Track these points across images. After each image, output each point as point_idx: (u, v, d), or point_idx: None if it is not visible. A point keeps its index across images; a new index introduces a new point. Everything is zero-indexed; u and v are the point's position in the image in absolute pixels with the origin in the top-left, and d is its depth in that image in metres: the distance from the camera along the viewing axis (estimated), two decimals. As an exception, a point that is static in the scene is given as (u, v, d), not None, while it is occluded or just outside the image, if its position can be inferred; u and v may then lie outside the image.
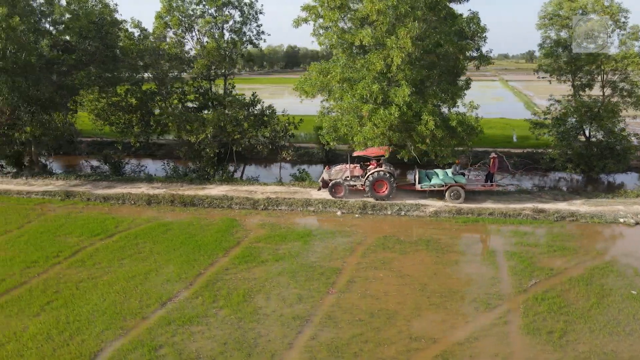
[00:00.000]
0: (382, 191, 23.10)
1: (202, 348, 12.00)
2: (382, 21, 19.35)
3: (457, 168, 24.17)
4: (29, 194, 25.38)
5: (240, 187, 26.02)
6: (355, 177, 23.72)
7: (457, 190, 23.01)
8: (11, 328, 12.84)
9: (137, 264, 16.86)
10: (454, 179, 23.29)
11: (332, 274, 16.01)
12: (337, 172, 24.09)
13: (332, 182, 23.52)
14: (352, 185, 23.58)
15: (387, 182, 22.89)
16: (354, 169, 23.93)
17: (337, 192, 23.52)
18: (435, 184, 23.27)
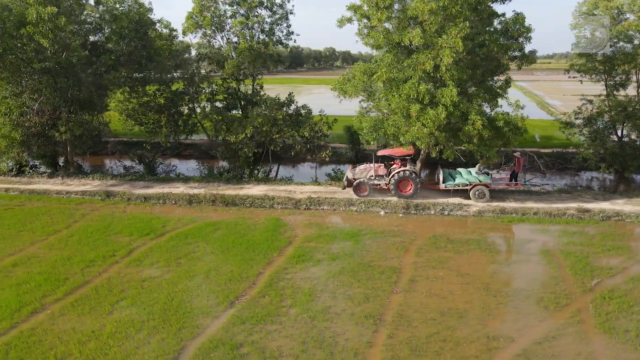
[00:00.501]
0: (406, 190, 23.31)
1: (283, 347, 12.06)
2: (432, 21, 19.38)
3: (481, 167, 24.30)
4: (68, 193, 25.48)
5: (278, 186, 26.07)
6: (379, 176, 24.00)
7: (482, 189, 23.12)
8: (88, 326, 12.93)
9: (195, 263, 16.94)
10: (478, 179, 23.43)
11: (392, 273, 16.07)
12: (361, 171, 24.36)
13: (357, 181, 23.76)
14: (376, 184, 23.83)
15: (412, 182, 23.13)
16: (378, 169, 24.20)
17: (361, 191, 23.75)
18: (459, 183, 23.46)
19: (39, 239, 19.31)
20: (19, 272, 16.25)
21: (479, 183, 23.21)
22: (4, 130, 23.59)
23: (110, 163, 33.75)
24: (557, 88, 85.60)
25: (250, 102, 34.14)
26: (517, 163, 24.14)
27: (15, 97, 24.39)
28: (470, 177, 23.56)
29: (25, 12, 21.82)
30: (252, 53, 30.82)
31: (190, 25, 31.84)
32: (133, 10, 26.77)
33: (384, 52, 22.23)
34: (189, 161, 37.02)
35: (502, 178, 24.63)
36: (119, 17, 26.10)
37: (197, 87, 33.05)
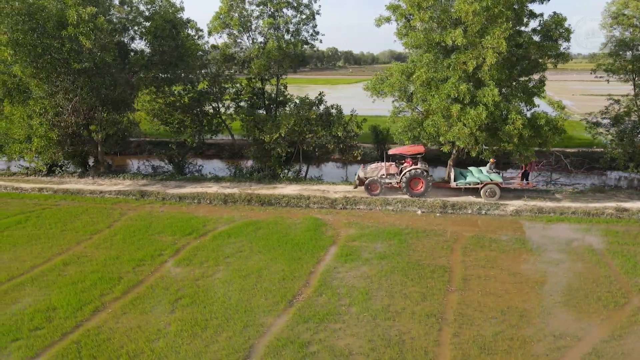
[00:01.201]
0: (417, 188, 23.54)
1: (351, 345, 12.12)
2: (475, 22, 19.42)
3: (492, 166, 24.43)
4: (102, 193, 25.59)
5: (310, 186, 26.13)
6: (390, 174, 24.22)
7: (493, 188, 23.22)
8: (152, 325, 13.01)
9: (244, 262, 17.01)
10: (489, 177, 23.55)
11: (443, 272, 16.11)
12: (373, 170, 24.58)
13: (369, 179, 23.98)
14: (388, 182, 24.04)
15: (423, 180, 23.35)
16: (389, 167, 24.42)
17: (373, 190, 23.97)
18: (470, 182, 23.62)
19: (83, 238, 19.41)
20: (71, 271, 16.35)
21: (490, 182, 23.35)
22: (40, 131, 23.68)
23: (138, 163, 33.83)
24: (564, 88, 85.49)
25: (275, 101, 34.32)
26: (529, 163, 24.19)
27: (50, 97, 24.48)
28: (481, 176, 23.75)
29: (65, 13, 21.92)
30: (281, 53, 30.92)
31: (217, 25, 31.94)
32: (166, 10, 26.86)
33: (422, 52, 22.25)
34: (212, 161, 37.20)
35: (514, 177, 24.79)
36: (152, 16, 26.18)
37: (221, 87, 33.20)
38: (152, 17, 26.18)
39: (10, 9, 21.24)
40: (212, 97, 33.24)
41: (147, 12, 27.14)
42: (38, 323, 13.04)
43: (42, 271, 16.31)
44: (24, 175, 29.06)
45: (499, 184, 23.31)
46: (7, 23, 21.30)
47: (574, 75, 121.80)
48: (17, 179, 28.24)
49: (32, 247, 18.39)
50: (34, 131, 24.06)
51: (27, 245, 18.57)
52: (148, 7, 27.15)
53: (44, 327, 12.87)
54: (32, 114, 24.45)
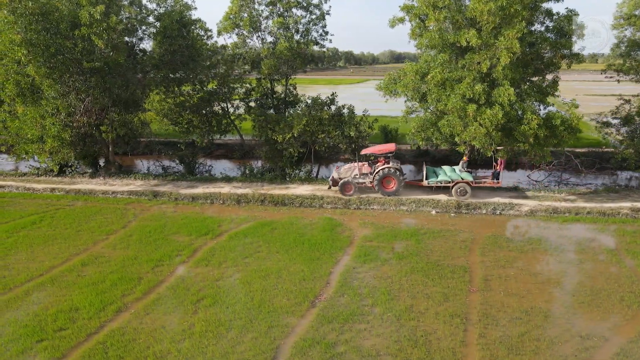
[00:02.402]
0: (390, 187, 23.75)
1: (377, 345, 12.09)
2: (490, 21, 19.39)
3: (464, 165, 24.60)
4: (114, 193, 25.55)
5: (323, 186, 26.06)
6: (363, 174, 24.43)
7: (464, 186, 23.43)
8: (177, 325, 12.97)
9: (263, 262, 16.97)
10: (460, 176, 23.74)
11: (463, 272, 16.08)
12: (346, 170, 24.81)
13: (342, 180, 24.12)
14: (361, 182, 24.21)
15: (395, 178, 23.55)
16: (362, 167, 24.67)
17: (346, 190, 24.14)
18: (442, 180, 23.86)
19: (99, 238, 19.37)
20: (90, 271, 16.32)
21: (461, 180, 23.57)
22: (53, 131, 23.65)
23: (147, 163, 33.79)
24: (567, 88, 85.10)
25: (284, 102, 34.30)
26: (499, 162, 24.27)
27: (62, 97, 24.45)
28: (453, 175, 23.99)
29: (78, 13, 21.89)
30: (292, 53, 30.90)
31: (227, 25, 31.94)
32: (177, 9, 26.83)
33: (436, 53, 22.23)
34: (221, 161, 37.12)
35: (485, 176, 25.04)
36: (163, 16, 26.15)
37: (229, 87, 33.18)
38: (163, 17, 26.13)
39: (24, 9, 21.21)
40: (220, 97, 33.26)
41: (158, 11, 27.04)
42: (62, 323, 13.01)
43: (61, 271, 16.28)
44: (35, 176, 29.02)
45: (470, 183, 23.59)
46: (20, 23, 21.27)
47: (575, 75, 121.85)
48: (28, 179, 28.21)
49: (49, 248, 18.36)
50: (47, 131, 24.01)
51: (43, 246, 18.54)
52: (159, 6, 27.07)
53: (68, 328, 12.84)
54: (45, 114, 24.40)
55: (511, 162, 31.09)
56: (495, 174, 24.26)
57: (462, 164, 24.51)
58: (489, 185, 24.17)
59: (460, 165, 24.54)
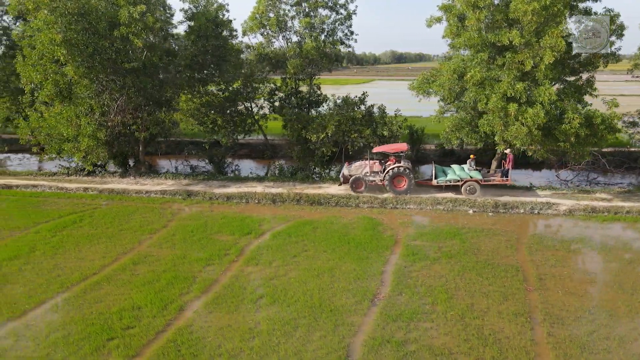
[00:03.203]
0: (400, 186, 23.89)
1: (447, 344, 12.08)
2: (533, 21, 19.40)
3: (472, 163, 24.68)
4: (148, 193, 25.59)
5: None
6: (374, 172, 24.59)
7: (473, 185, 23.56)
8: (242, 324, 12.96)
9: (313, 261, 16.97)
10: (469, 175, 23.83)
11: (515, 272, 16.07)
12: (357, 167, 24.96)
13: (353, 177, 24.28)
14: (372, 180, 24.35)
15: (406, 177, 23.69)
16: (373, 165, 24.79)
17: (357, 187, 24.36)
18: (451, 179, 23.97)
19: (143, 237, 19.40)
20: (142, 270, 16.34)
21: (470, 179, 23.66)
22: (88, 130, 23.68)
23: (174, 163, 33.79)
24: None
25: (309, 101, 34.33)
26: (508, 159, 24.39)
27: (97, 96, 24.49)
28: (462, 173, 24.10)
29: (117, 13, 21.92)
30: (319, 52, 30.94)
31: (254, 25, 31.99)
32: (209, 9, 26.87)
33: (473, 52, 22.23)
34: (245, 161, 37.13)
35: (494, 174, 25.11)
36: (197, 15, 26.18)
37: (252, 87, 33.23)
38: (198, 16, 26.15)
39: (64, 8, 21.24)
40: (245, 97, 33.31)
41: (192, 10, 27.04)
42: (128, 322, 13.03)
43: (114, 270, 16.30)
44: (65, 175, 29.07)
45: (479, 181, 23.68)
46: (60, 23, 21.29)
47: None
48: (60, 179, 28.25)
49: (95, 247, 18.38)
50: (81, 130, 24.04)
51: (89, 245, 18.57)
52: (193, 5, 27.08)
53: (135, 326, 12.86)
54: (79, 114, 24.44)
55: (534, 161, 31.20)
56: (504, 171, 24.37)
57: (470, 162, 24.63)
58: (498, 183, 24.26)
59: (468, 163, 24.65)
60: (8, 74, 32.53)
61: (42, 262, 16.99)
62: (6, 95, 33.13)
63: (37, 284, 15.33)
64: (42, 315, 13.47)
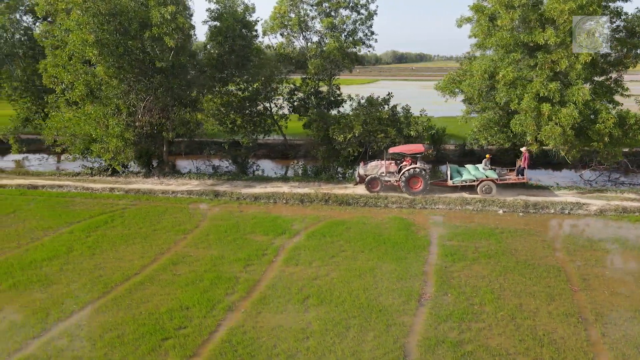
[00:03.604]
0: (416, 187, 23.95)
1: (503, 344, 12.06)
2: (569, 21, 19.39)
3: (488, 163, 24.66)
4: (174, 193, 25.58)
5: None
6: (390, 173, 24.63)
7: (489, 184, 23.57)
8: (293, 324, 12.92)
9: (352, 262, 16.95)
10: (485, 174, 23.82)
11: (557, 272, 16.03)
12: (373, 167, 25.02)
13: (369, 177, 24.36)
14: (387, 180, 24.42)
15: (422, 178, 23.73)
16: (389, 165, 24.84)
17: (373, 187, 24.47)
18: (467, 179, 23.96)
19: (177, 238, 19.38)
20: (183, 270, 16.33)
21: (486, 179, 23.68)
22: (117, 130, 23.68)
23: (196, 163, 33.81)
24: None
25: (328, 101, 34.34)
26: (523, 158, 24.37)
27: (125, 96, 24.50)
28: (477, 173, 24.11)
29: (149, 14, 21.93)
30: (341, 53, 30.95)
31: (275, 25, 32.03)
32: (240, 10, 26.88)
33: (503, 52, 22.21)
34: (263, 161, 37.04)
35: (509, 173, 25.11)
36: (225, 16, 26.19)
37: (271, 87, 33.25)
38: (226, 17, 26.16)
39: (97, 8, 21.25)
40: (264, 97, 33.34)
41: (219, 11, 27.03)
42: (179, 322, 13.02)
43: (154, 270, 16.29)
44: (89, 175, 29.09)
45: (495, 181, 23.68)
46: (93, 23, 21.30)
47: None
48: (84, 179, 28.27)
49: (132, 247, 18.38)
50: (109, 131, 24.04)
51: (125, 245, 18.56)
52: (218, 7, 27.07)
53: (187, 326, 12.84)
54: (107, 114, 24.46)
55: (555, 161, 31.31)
56: (519, 170, 24.37)
57: (486, 162, 24.61)
58: (514, 182, 24.25)
59: (484, 163, 24.63)
60: (29, 74, 32.56)
61: (81, 262, 16.99)
62: (27, 95, 33.15)
63: (81, 284, 15.33)
64: (92, 316, 13.46)
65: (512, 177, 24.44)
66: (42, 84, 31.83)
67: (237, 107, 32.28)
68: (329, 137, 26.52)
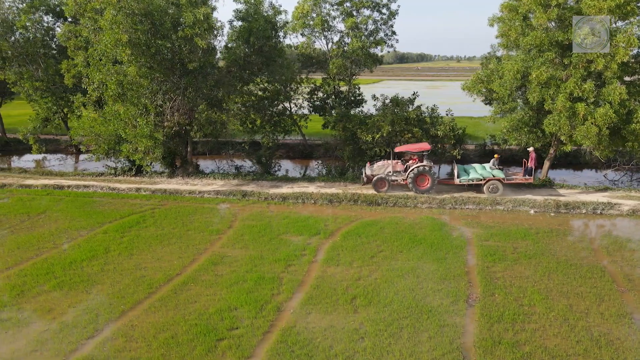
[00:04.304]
0: (424, 185, 24.10)
1: (560, 345, 11.97)
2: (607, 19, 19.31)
3: (496, 162, 24.69)
4: (200, 193, 25.55)
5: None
6: (397, 172, 24.78)
7: (496, 184, 23.66)
8: (345, 325, 12.85)
9: (392, 262, 16.87)
10: (492, 173, 23.91)
11: (601, 272, 15.92)
12: (380, 167, 25.13)
13: (376, 177, 24.47)
14: (394, 180, 24.56)
15: (430, 177, 23.86)
16: (395, 165, 24.95)
17: (380, 187, 24.59)
18: (473, 178, 24.07)
19: (212, 238, 19.34)
20: (224, 271, 16.28)
21: (493, 178, 23.75)
22: (146, 131, 23.64)
23: (218, 163, 33.82)
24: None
25: (348, 101, 34.30)
26: (530, 158, 24.33)
27: (153, 96, 24.47)
28: (484, 172, 24.21)
29: (182, 14, 21.90)
30: (363, 53, 30.90)
31: (298, 24, 31.98)
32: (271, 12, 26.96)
33: (535, 52, 22.10)
34: (282, 161, 37.03)
35: (517, 173, 25.04)
36: (255, 16, 26.17)
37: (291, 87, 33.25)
38: (257, 18, 26.14)
39: (130, 8, 21.20)
40: (285, 97, 33.33)
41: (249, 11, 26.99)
42: (231, 323, 12.97)
43: (195, 271, 16.25)
44: (112, 176, 29.10)
45: (502, 180, 23.72)
46: (126, 23, 21.26)
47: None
48: (108, 179, 28.27)
49: (168, 247, 18.34)
50: (138, 131, 24.01)
51: (161, 245, 18.53)
52: (246, 7, 27.03)
53: (239, 327, 12.79)
54: (135, 114, 24.43)
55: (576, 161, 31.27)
56: (527, 169, 24.35)
57: (494, 161, 24.67)
58: (522, 182, 24.27)
59: (492, 162, 24.68)
60: (50, 75, 32.57)
61: (121, 262, 16.96)
62: (48, 95, 33.15)
63: (124, 284, 15.29)
64: (142, 316, 13.42)
65: (519, 176, 24.48)
66: (63, 84, 31.90)
67: (258, 107, 32.30)
68: (354, 137, 26.44)
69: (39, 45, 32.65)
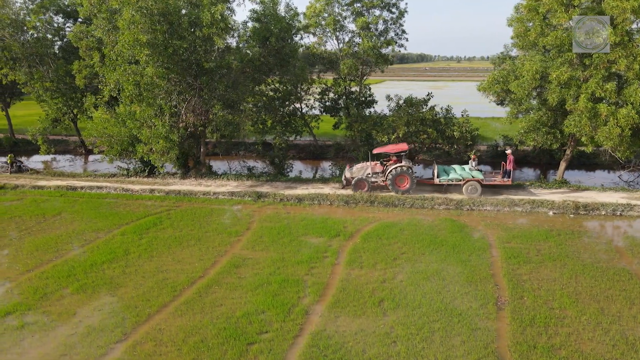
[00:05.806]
0: (403, 185, 24.17)
1: (596, 350, 11.80)
2: (629, 19, 19.14)
3: (474, 163, 24.76)
4: (215, 194, 25.38)
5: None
6: (376, 173, 24.80)
7: (475, 185, 23.70)
8: (375, 329, 12.69)
9: (416, 264, 16.70)
10: (471, 174, 23.97)
11: (628, 275, 15.75)
12: (359, 169, 25.21)
13: (355, 179, 24.53)
14: (374, 181, 24.64)
15: (409, 177, 23.89)
16: (374, 166, 25.00)
17: (360, 188, 24.65)
18: (453, 179, 24.17)
19: (231, 240, 19.18)
20: (247, 273, 16.11)
21: (472, 179, 23.80)
22: (162, 132, 23.47)
23: (229, 163, 33.66)
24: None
25: (359, 101, 34.14)
26: (508, 160, 24.31)
27: (167, 97, 24.31)
28: (463, 173, 24.31)
29: (200, 14, 21.74)
30: (375, 52, 30.76)
31: (310, 24, 31.85)
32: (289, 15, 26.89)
33: (555, 52, 21.94)
34: (293, 162, 36.85)
35: (495, 174, 25.17)
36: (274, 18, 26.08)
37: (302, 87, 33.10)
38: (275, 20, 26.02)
39: (148, 8, 21.04)
40: (297, 97, 33.19)
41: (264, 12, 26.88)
42: (260, 326, 12.79)
43: (218, 273, 16.08)
44: (125, 177, 28.94)
45: (480, 181, 23.79)
46: (144, 23, 21.09)
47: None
48: (121, 180, 28.12)
49: (187, 249, 18.18)
50: (154, 131, 23.85)
51: (181, 247, 18.37)
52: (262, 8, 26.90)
53: (269, 331, 12.62)
54: (151, 115, 24.28)
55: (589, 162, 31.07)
56: (506, 172, 24.40)
57: (472, 162, 24.87)
58: (500, 184, 24.32)
59: (470, 164, 24.86)
60: (61, 75, 32.41)
61: (142, 264, 16.80)
62: (58, 96, 33.00)
63: (148, 287, 15.13)
64: (169, 319, 13.25)
65: (498, 178, 24.48)
66: (73, 85, 31.76)
67: (269, 107, 32.17)
68: (369, 137, 26.28)
69: (49, 45, 32.50)
